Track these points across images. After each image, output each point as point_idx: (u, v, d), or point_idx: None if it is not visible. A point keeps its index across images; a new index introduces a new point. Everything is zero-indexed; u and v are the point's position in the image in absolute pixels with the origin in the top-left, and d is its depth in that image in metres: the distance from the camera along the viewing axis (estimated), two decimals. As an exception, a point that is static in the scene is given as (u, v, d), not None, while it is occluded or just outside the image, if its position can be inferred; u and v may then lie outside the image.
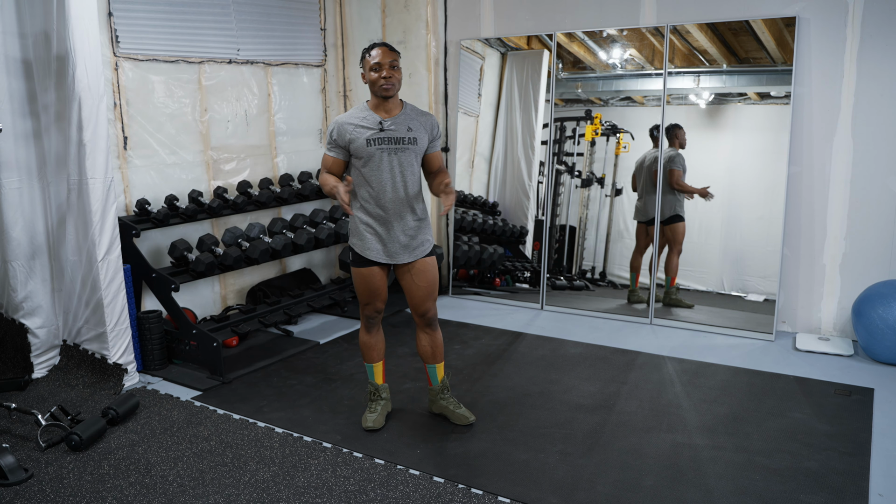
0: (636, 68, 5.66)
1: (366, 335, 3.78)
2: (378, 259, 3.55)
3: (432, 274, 3.64)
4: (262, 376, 4.54)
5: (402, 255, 3.56)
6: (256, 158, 5.78)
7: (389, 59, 3.42)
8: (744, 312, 5.27)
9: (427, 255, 3.63)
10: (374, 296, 3.64)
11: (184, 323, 4.59)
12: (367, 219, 3.52)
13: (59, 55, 4.12)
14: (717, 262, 5.49)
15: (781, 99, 5.05)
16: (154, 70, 5.00)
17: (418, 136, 3.53)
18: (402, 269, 3.62)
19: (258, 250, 4.90)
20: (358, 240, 3.57)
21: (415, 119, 3.55)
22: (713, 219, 5.39)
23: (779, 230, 5.01)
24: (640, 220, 5.64)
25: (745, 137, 5.30)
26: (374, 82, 3.43)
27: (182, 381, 4.48)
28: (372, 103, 3.53)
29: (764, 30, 5.02)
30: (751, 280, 5.33)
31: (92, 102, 4.12)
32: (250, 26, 5.60)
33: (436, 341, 3.75)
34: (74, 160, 4.20)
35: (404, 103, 3.60)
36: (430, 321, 3.71)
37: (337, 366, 4.68)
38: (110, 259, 4.29)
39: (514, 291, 6.32)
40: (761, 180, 5.21)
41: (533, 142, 6.16)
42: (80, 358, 4.51)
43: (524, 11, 5.84)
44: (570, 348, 4.91)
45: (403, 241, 3.53)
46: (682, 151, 5.38)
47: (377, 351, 3.81)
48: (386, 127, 3.46)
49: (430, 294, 3.65)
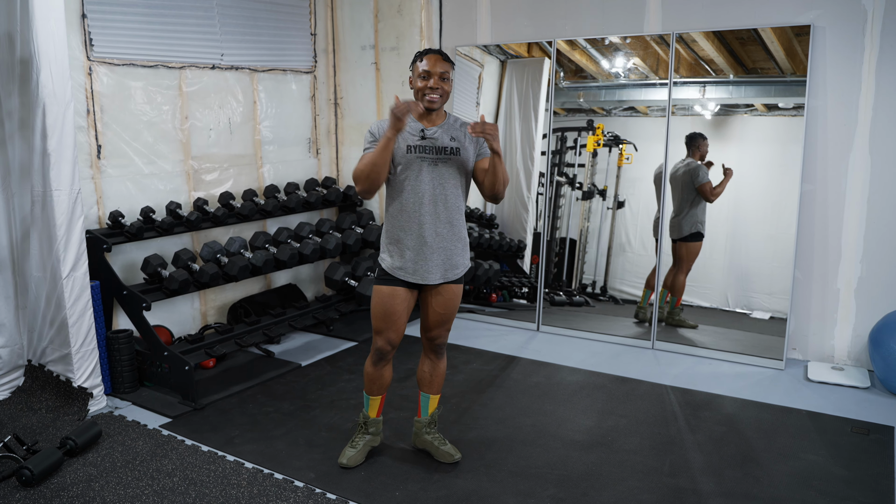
0: (640, 78, 5.48)
1: (371, 367, 3.43)
2: (406, 278, 3.23)
3: (456, 303, 3.35)
4: (237, 402, 4.26)
5: (433, 276, 3.24)
6: (240, 168, 5.51)
7: (441, 70, 3.14)
8: (750, 334, 5.04)
9: (458, 280, 3.34)
10: (391, 322, 3.27)
11: (155, 344, 4.32)
12: (401, 234, 3.21)
13: (23, 58, 3.86)
14: (722, 278, 5.28)
15: (789, 111, 4.88)
16: (131, 75, 4.74)
17: (462, 146, 3.24)
18: (428, 290, 3.32)
19: (237, 267, 4.63)
20: (388, 255, 3.27)
21: (458, 130, 3.27)
22: (718, 233, 5.18)
23: (786, 246, 4.77)
24: (674, 237, 5.27)
25: (751, 150, 5.10)
26: (419, 91, 3.17)
27: (152, 405, 4.20)
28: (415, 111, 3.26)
29: (773, 39, 4.80)
30: (756, 297, 5.12)
31: (57, 109, 3.85)
32: (235, 30, 5.33)
33: (438, 370, 3.49)
34: (38, 170, 3.93)
35: (448, 114, 3.32)
36: (438, 348, 3.45)
37: (318, 391, 4.40)
38: (76, 276, 4.01)
39: (511, 308, 6.09)
40: (768, 194, 5.00)
41: (532, 152, 5.97)
42: (44, 380, 4.24)
43: (523, 17, 5.57)
44: (567, 375, 4.62)
45: (438, 262, 3.23)
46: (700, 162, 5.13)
47: (381, 385, 3.47)
48: (428, 135, 3.20)
49: (446, 322, 3.38)
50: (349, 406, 4.15)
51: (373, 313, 3.31)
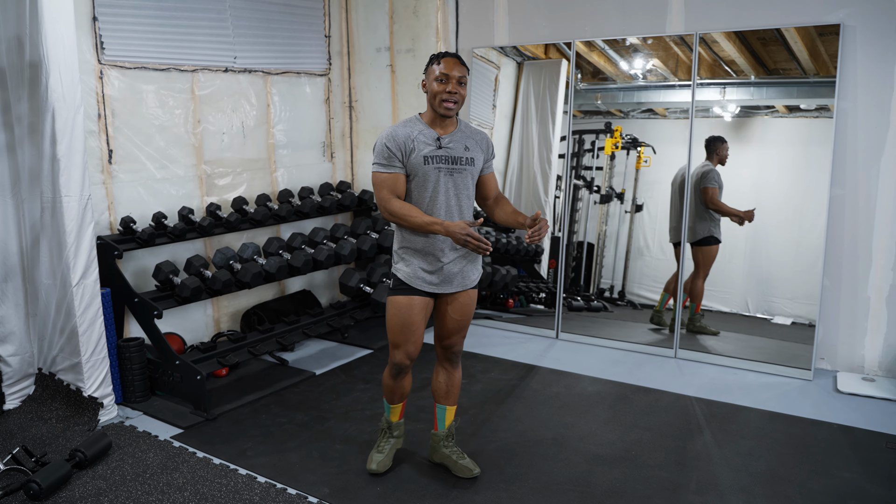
0: (658, 79, 5.39)
1: (389, 379, 3.35)
2: (424, 287, 3.14)
3: (471, 308, 3.27)
4: (249, 412, 4.16)
5: (451, 285, 3.18)
6: (254, 173, 5.42)
7: (458, 74, 3.03)
8: (773, 341, 4.93)
9: (473, 286, 3.26)
10: (409, 335, 3.17)
11: (167, 353, 4.23)
12: (417, 243, 3.12)
13: (32, 62, 3.78)
14: (742, 283, 5.19)
15: (812, 112, 4.80)
16: (143, 79, 4.66)
17: (475, 156, 3.17)
18: (444, 298, 3.23)
19: (250, 274, 4.54)
20: (404, 265, 3.17)
21: (470, 137, 3.19)
22: (738, 237, 5.07)
23: (809, 250, 4.67)
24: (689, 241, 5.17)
25: (772, 152, 4.99)
26: (436, 95, 3.04)
27: (163, 416, 4.11)
28: (427, 117, 3.15)
29: (797, 39, 4.68)
30: (777, 302, 5.02)
31: (67, 114, 3.77)
32: (248, 33, 5.25)
33: (453, 380, 3.38)
34: (48, 176, 3.86)
35: (459, 120, 3.22)
36: (453, 357, 3.35)
37: (332, 401, 4.30)
38: (86, 284, 3.93)
39: (529, 314, 5.99)
40: (789, 197, 4.90)
41: (550, 155, 5.87)
42: (55, 388, 4.16)
43: (541, 18, 5.45)
44: (588, 385, 4.49)
45: (454, 270, 3.15)
46: (719, 167, 5.01)
47: (401, 394, 3.41)
48: (444, 144, 3.09)
49: (462, 329, 3.28)
50: (364, 417, 4.04)
51: (389, 326, 3.21)
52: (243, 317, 5.32)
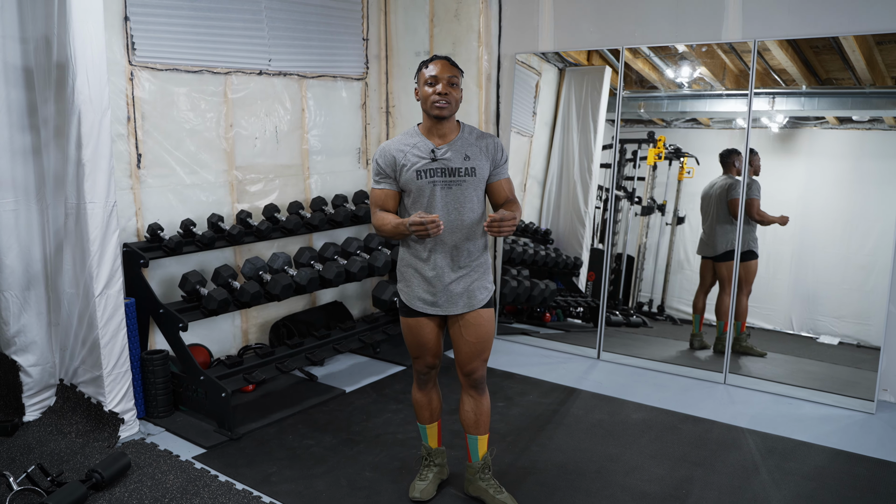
0: (703, 88, 5.19)
1: (417, 392, 3.25)
2: (425, 310, 3.01)
3: (485, 329, 3.04)
4: (276, 432, 3.97)
5: (455, 306, 2.99)
6: (286, 179, 5.24)
7: (448, 75, 2.87)
8: (824, 364, 4.72)
9: (484, 305, 3.04)
10: (424, 349, 3.09)
11: (191, 367, 4.06)
12: (416, 262, 2.99)
13: (60, 63, 3.64)
14: (786, 299, 4.97)
15: (864, 124, 4.59)
16: (174, 81, 4.51)
17: (477, 164, 2.95)
18: (454, 320, 3.05)
19: (280, 286, 4.35)
20: (405, 286, 3.05)
21: (473, 144, 2.98)
22: (782, 251, 4.85)
23: (858, 268, 4.51)
24: (706, 255, 5.04)
25: (820, 164, 4.78)
26: (427, 98, 2.89)
27: (186, 433, 3.94)
28: (424, 127, 2.99)
29: (855, 47, 4.42)
30: (824, 321, 4.81)
31: (93, 117, 3.62)
32: (284, 34, 5.07)
33: (481, 408, 3.14)
34: (73, 181, 3.71)
35: (462, 125, 3.02)
36: (476, 383, 3.11)
37: (362, 422, 4.09)
38: (109, 294, 3.78)
39: (567, 329, 5.77)
40: (839, 212, 4.68)
41: (591, 165, 5.66)
42: (76, 401, 4.02)
43: (588, 23, 5.20)
44: (632, 412, 4.23)
45: (457, 290, 2.97)
46: (764, 181, 4.79)
47: (432, 410, 3.26)
48: (439, 156, 2.91)
49: (480, 352, 3.05)
50: (396, 441, 3.83)
51: (406, 343, 3.15)
52: (272, 328, 5.14)
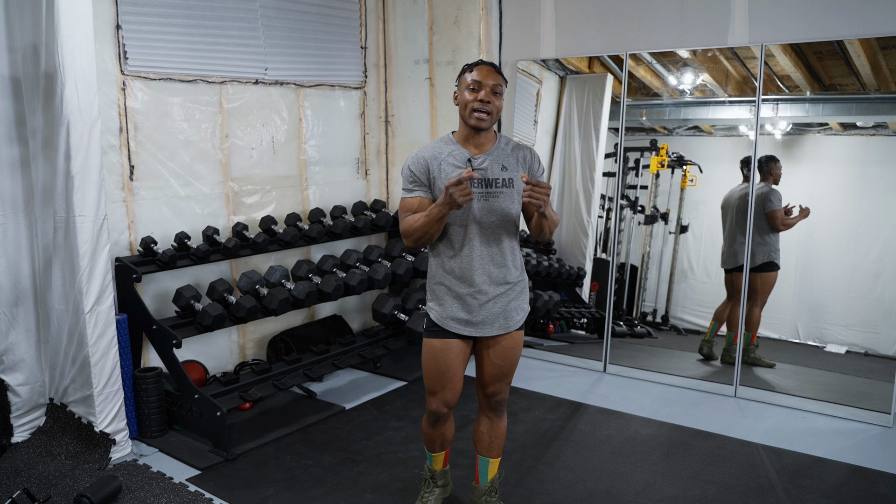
0: (705, 95, 5.11)
1: (428, 427, 3.03)
2: (459, 330, 2.79)
3: (516, 352, 2.88)
4: (273, 452, 3.84)
5: (491, 327, 2.81)
6: (284, 191, 5.12)
7: (493, 82, 2.69)
8: (834, 374, 4.65)
9: (518, 328, 2.88)
10: (445, 381, 2.84)
11: (185, 386, 3.93)
12: (449, 279, 2.79)
13: (48, 72, 3.53)
14: (792, 308, 4.90)
15: (868, 130, 4.55)
16: (168, 90, 4.40)
17: (515, 176, 2.79)
18: (485, 341, 2.86)
19: (277, 300, 4.22)
20: (437, 304, 2.83)
21: (510, 155, 2.81)
22: (787, 259, 4.74)
23: (864, 275, 4.50)
24: (728, 267, 4.91)
25: (824, 171, 4.74)
26: (467, 105, 2.70)
27: (180, 454, 3.80)
28: (460, 135, 2.81)
29: (860, 52, 4.33)
30: (830, 329, 4.76)
31: (83, 127, 3.51)
32: (281, 43, 4.96)
33: (497, 431, 2.99)
34: (62, 194, 3.59)
35: (498, 136, 2.86)
36: (497, 406, 2.96)
37: (362, 441, 3.95)
38: (100, 310, 3.65)
39: (571, 341, 5.65)
40: (844, 219, 4.64)
41: (593, 173, 5.56)
42: (66, 421, 3.89)
43: (591, 29, 5.10)
44: (641, 428, 4.10)
45: (494, 310, 2.78)
46: (775, 187, 4.69)
47: (444, 442, 3.08)
48: (476, 165, 2.73)
49: (506, 375, 2.89)
50: (397, 461, 3.69)
51: (424, 371, 2.88)
52: (270, 343, 5.01)
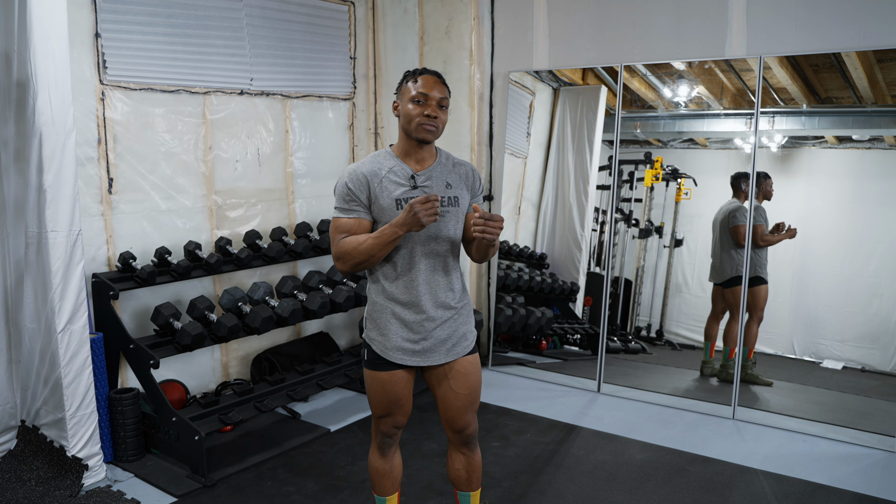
0: (700, 107, 5.07)
1: (378, 459, 2.77)
2: (404, 361, 2.57)
3: (475, 377, 2.67)
4: (254, 477, 3.68)
5: (438, 354, 2.59)
6: (269, 204, 4.98)
7: (439, 95, 2.49)
8: (832, 393, 4.62)
9: (470, 352, 2.68)
10: (395, 407, 2.64)
11: (163, 408, 3.77)
12: (393, 305, 2.56)
13: (20, 81, 3.39)
14: (787, 323, 4.89)
15: (863, 143, 4.54)
16: (149, 101, 4.26)
17: (459, 194, 2.59)
18: (436, 371, 2.63)
19: (260, 318, 4.07)
20: (377, 334, 2.60)
21: (452, 171, 2.62)
22: (783, 274, 4.72)
23: (861, 290, 4.54)
24: (716, 281, 4.86)
25: (820, 185, 4.75)
26: (412, 119, 2.49)
27: (156, 480, 3.64)
28: (399, 148, 2.59)
29: (857, 65, 4.27)
30: (826, 344, 4.74)
31: (56, 139, 3.37)
32: (267, 52, 4.83)
33: (473, 464, 2.78)
34: (33, 209, 3.45)
35: (438, 150, 2.65)
36: (469, 439, 2.74)
37: (347, 466, 3.80)
38: (73, 329, 3.50)
39: (564, 358, 5.57)
40: (840, 233, 4.67)
41: (587, 186, 5.47)
42: (37, 445, 3.72)
43: (585, 40, 4.98)
44: (637, 452, 3.95)
45: (441, 336, 2.58)
46: (765, 203, 4.62)
47: (393, 480, 2.81)
48: (420, 183, 2.54)
49: (472, 404, 2.68)
50: None
51: (370, 401, 2.67)
52: (254, 362, 4.86)
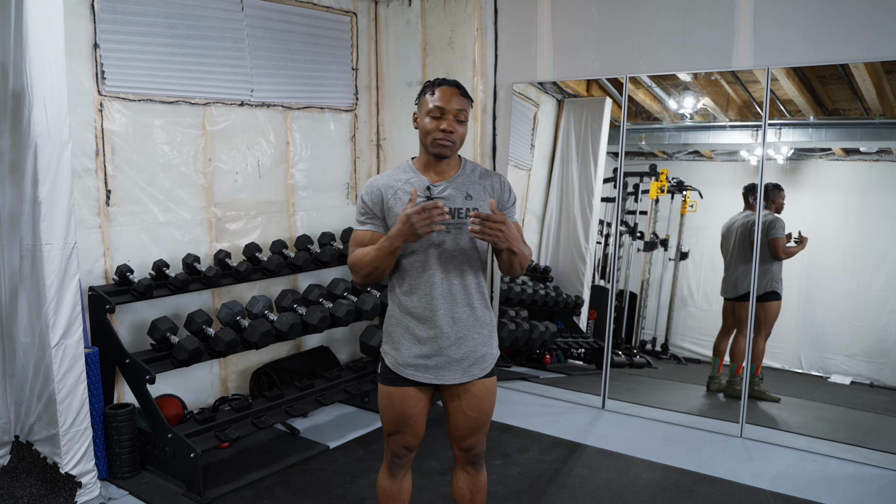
0: (705, 119, 5.04)
1: (387, 479, 2.69)
2: (417, 378, 2.50)
3: (489, 402, 2.58)
4: (250, 496, 3.60)
5: (453, 373, 2.51)
6: (269, 216, 4.92)
7: (457, 108, 2.41)
8: (840, 409, 4.56)
9: (488, 374, 2.58)
10: (404, 425, 2.56)
11: (159, 424, 3.70)
12: (408, 320, 2.50)
13: (15, 92, 3.34)
14: (795, 337, 4.84)
15: (871, 155, 4.52)
16: (148, 112, 4.21)
17: (480, 205, 2.50)
18: (451, 390, 2.56)
19: (258, 333, 4.01)
20: (391, 347, 2.55)
21: (476, 183, 2.54)
22: (789, 287, 4.59)
23: (869, 303, 4.50)
24: (730, 296, 4.76)
25: (827, 197, 4.72)
26: (429, 133, 2.43)
27: (151, 497, 3.57)
28: (420, 161, 2.54)
29: (865, 76, 4.22)
30: (834, 359, 4.70)
31: (51, 150, 3.31)
32: (268, 63, 4.79)
33: (478, 485, 2.70)
34: (28, 221, 3.39)
35: (463, 161, 2.58)
36: (475, 459, 2.66)
37: (346, 485, 3.72)
38: (67, 344, 3.44)
39: (568, 372, 5.50)
40: (847, 246, 4.67)
41: (591, 199, 5.43)
42: (31, 461, 3.65)
43: (589, 51, 4.92)
44: (642, 472, 3.86)
45: (457, 355, 2.49)
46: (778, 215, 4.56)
47: (400, 503, 2.74)
48: (435, 194, 2.47)
49: (482, 427, 2.60)
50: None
51: (382, 417, 2.60)
52: (253, 376, 4.79)
